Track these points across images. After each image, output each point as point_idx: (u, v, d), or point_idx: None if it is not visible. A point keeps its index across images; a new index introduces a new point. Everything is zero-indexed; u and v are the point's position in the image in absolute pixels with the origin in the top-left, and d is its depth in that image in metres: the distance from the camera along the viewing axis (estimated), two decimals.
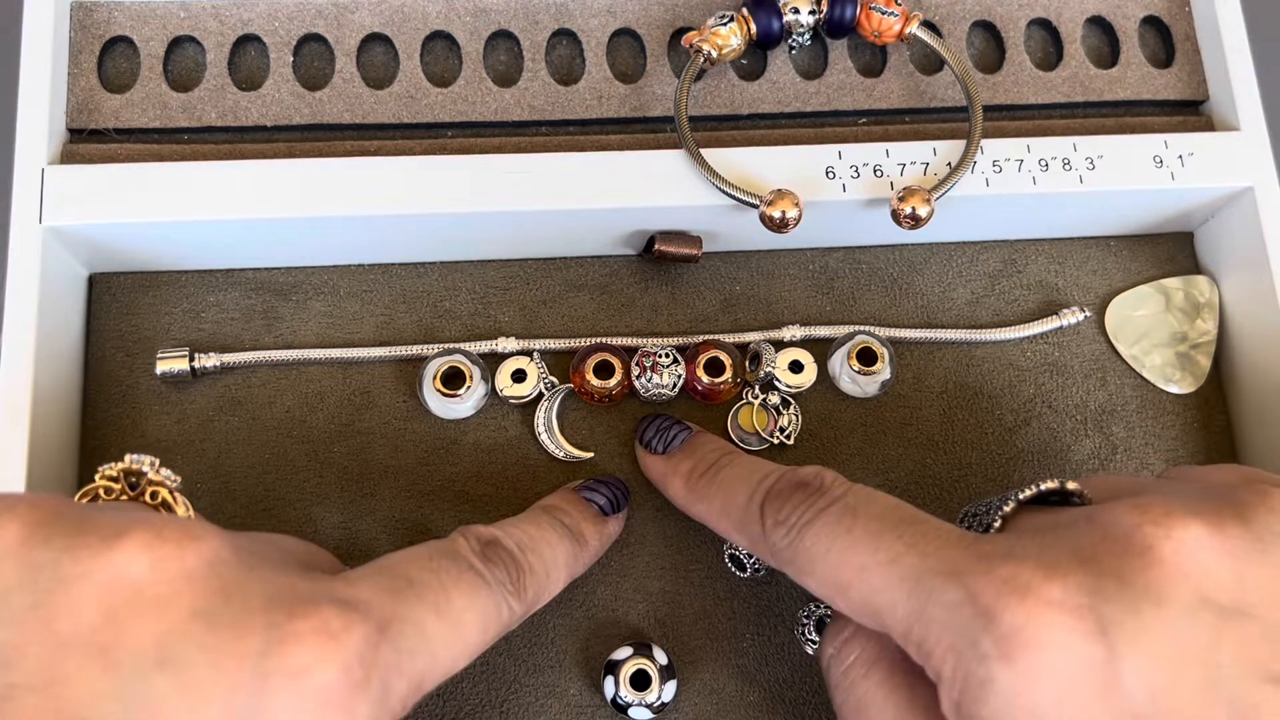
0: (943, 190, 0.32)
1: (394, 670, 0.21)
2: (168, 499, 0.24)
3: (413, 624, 0.22)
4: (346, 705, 0.20)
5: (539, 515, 0.29)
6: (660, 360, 0.33)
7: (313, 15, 0.35)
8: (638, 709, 0.30)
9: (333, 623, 0.20)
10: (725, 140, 0.34)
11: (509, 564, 0.25)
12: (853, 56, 0.36)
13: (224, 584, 0.20)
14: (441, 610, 0.23)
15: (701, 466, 0.29)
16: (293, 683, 0.19)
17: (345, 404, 0.33)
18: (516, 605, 0.25)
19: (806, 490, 0.25)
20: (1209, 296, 0.36)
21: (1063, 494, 0.24)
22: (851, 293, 0.35)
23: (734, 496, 0.27)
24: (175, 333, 0.34)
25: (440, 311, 0.34)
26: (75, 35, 0.34)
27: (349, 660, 0.20)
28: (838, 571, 0.23)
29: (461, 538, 0.25)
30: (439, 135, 0.35)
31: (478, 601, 0.24)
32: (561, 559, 0.28)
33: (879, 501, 0.24)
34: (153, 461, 0.24)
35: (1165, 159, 0.34)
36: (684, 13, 0.36)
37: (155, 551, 0.20)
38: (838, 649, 0.25)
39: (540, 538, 0.27)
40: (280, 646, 0.19)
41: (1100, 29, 0.37)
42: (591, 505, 0.30)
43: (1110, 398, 0.35)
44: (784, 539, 0.25)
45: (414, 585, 0.23)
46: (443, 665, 0.22)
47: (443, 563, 0.24)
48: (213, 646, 0.19)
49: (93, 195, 0.31)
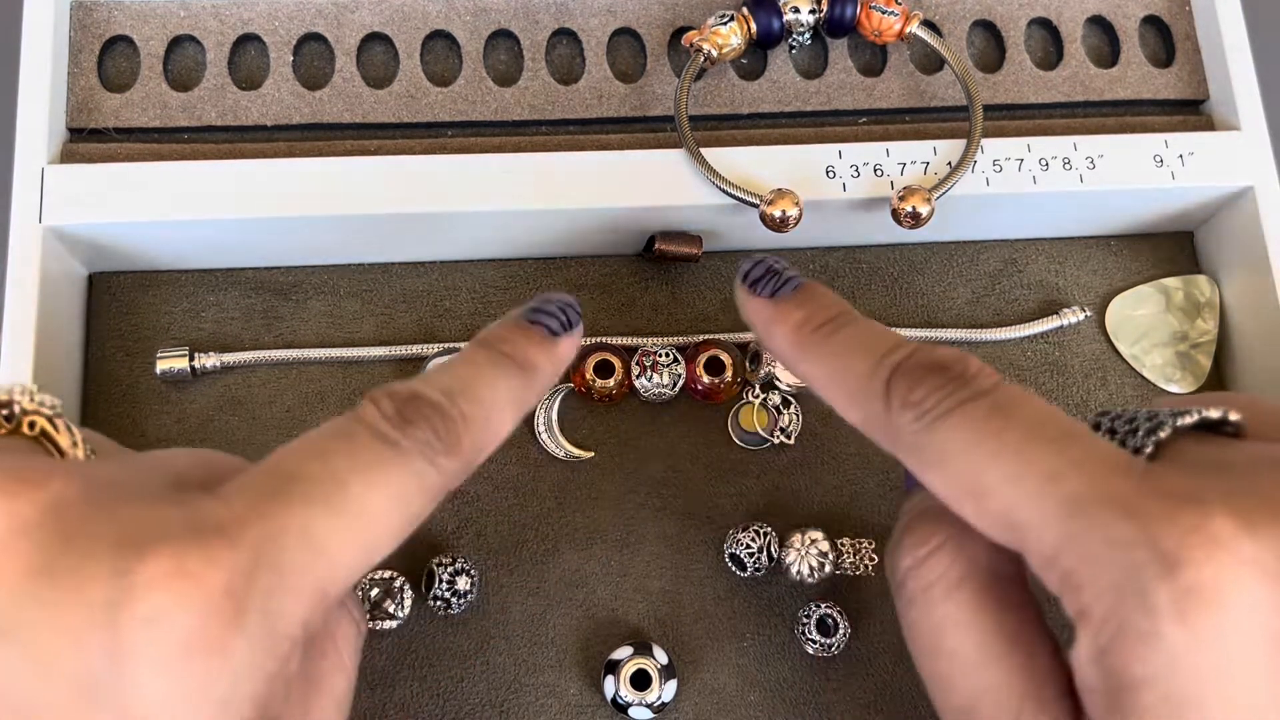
0: (943, 189, 0.32)
1: (277, 592, 0.19)
2: (46, 428, 0.22)
3: (295, 532, 0.19)
4: (216, 646, 0.18)
5: (474, 352, 0.25)
6: (660, 359, 0.33)
7: (313, 15, 0.35)
8: (638, 709, 0.30)
9: (189, 557, 0.18)
10: (725, 140, 0.34)
11: (433, 418, 0.22)
12: (853, 56, 0.36)
13: (64, 530, 0.18)
14: (336, 505, 0.20)
15: (818, 318, 0.25)
16: (149, 632, 0.17)
17: (345, 404, 0.33)
18: (450, 462, 0.22)
19: (947, 374, 0.22)
20: (1209, 296, 0.36)
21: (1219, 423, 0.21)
22: (851, 293, 0.35)
23: (853, 361, 0.23)
24: (175, 332, 0.34)
25: (440, 311, 0.34)
26: (75, 35, 0.34)
27: (210, 596, 0.18)
28: (978, 474, 0.20)
29: (370, 403, 0.22)
30: (439, 135, 0.35)
31: (384, 478, 0.21)
32: (504, 396, 0.24)
33: (1033, 405, 0.21)
34: (25, 387, 0.22)
35: (1165, 158, 0.34)
36: (684, 12, 0.36)
37: None
38: (919, 561, 0.22)
39: (475, 377, 0.24)
40: (130, 594, 0.18)
41: (1100, 28, 0.37)
42: (538, 328, 0.26)
43: (1110, 397, 0.35)
44: (914, 423, 0.21)
45: (299, 481, 0.20)
46: (350, 562, 0.20)
47: (336, 444, 0.21)
48: (55, 602, 0.17)
49: (93, 195, 0.31)
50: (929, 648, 0.22)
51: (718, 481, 0.33)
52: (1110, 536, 0.18)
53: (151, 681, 0.17)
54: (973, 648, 0.21)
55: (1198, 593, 0.18)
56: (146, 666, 0.17)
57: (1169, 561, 0.18)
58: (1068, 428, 0.20)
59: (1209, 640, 0.17)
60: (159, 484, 0.21)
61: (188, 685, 0.18)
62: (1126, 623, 0.18)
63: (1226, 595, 0.18)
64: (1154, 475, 0.19)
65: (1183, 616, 0.18)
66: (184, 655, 0.18)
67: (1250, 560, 0.18)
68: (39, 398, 0.22)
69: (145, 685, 0.17)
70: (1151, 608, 0.18)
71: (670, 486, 0.33)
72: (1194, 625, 0.17)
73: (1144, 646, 0.18)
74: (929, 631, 0.22)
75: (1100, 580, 0.18)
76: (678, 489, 0.33)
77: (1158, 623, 0.18)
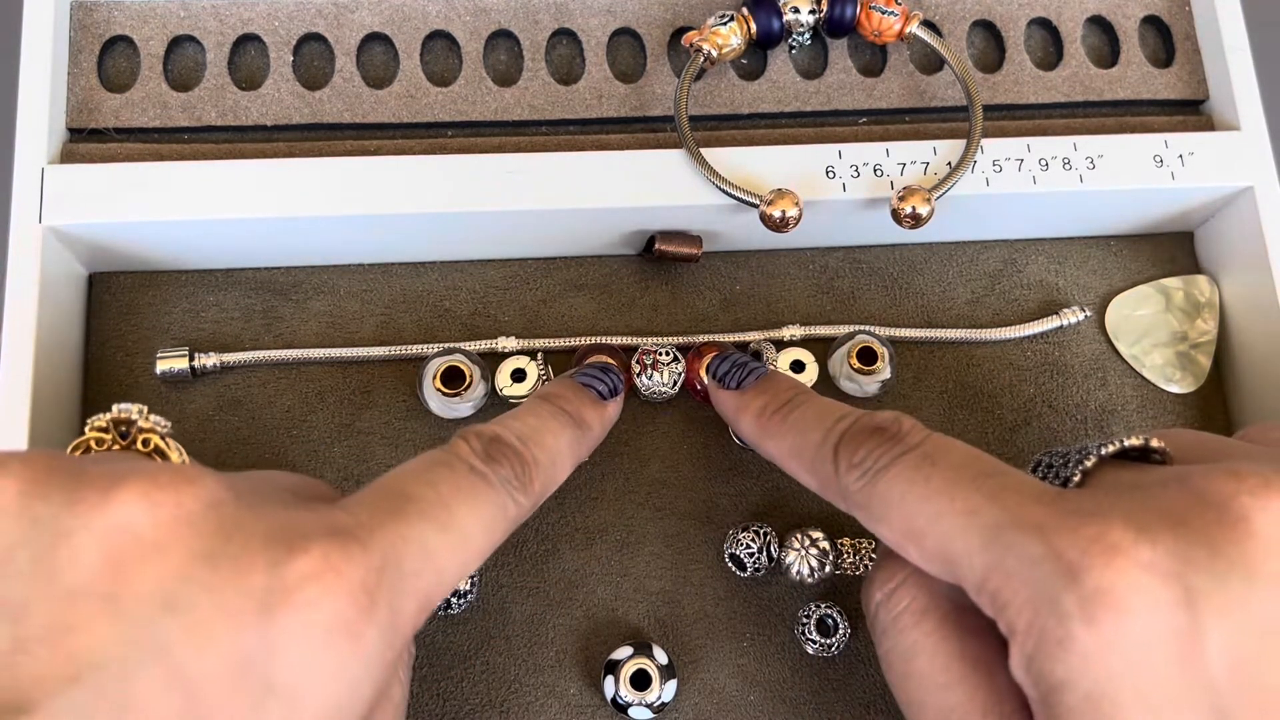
0: (943, 190, 0.32)
1: (399, 592, 0.21)
2: (160, 445, 0.24)
3: (415, 543, 0.22)
4: (354, 632, 0.20)
5: (539, 405, 0.28)
6: (660, 358, 0.33)
7: (313, 15, 0.35)
8: (638, 709, 0.30)
9: (333, 555, 0.20)
10: (725, 140, 0.34)
11: (513, 460, 0.25)
12: (853, 56, 0.36)
13: (223, 524, 0.20)
14: (444, 524, 0.23)
15: (775, 404, 0.28)
16: (299, 615, 0.19)
17: (345, 404, 0.33)
18: (524, 499, 0.25)
19: (883, 435, 0.24)
20: (1209, 296, 0.36)
21: (1144, 451, 0.23)
22: (851, 292, 0.35)
23: (807, 436, 0.26)
24: (175, 332, 0.34)
25: (440, 311, 0.34)
26: (75, 35, 0.34)
27: (353, 589, 0.20)
28: (912, 519, 0.23)
29: (462, 440, 0.25)
30: (439, 135, 0.35)
31: (480, 506, 0.24)
32: (565, 446, 0.27)
33: (958, 450, 0.23)
34: (141, 409, 0.24)
35: (1165, 159, 0.34)
36: (684, 12, 0.36)
37: (151, 498, 0.20)
38: (887, 595, 0.25)
39: (542, 428, 0.27)
40: (284, 582, 0.20)
41: (1100, 28, 0.37)
42: (590, 390, 0.30)
43: (1110, 397, 0.35)
44: (858, 483, 0.24)
45: (413, 501, 0.23)
46: (451, 576, 0.23)
47: (441, 473, 0.24)
48: (217, 586, 0.19)
49: (92, 195, 0.31)
50: (901, 673, 0.25)
51: (718, 481, 0.33)
52: (1024, 555, 0.20)
53: (298, 660, 0.19)
54: (938, 670, 0.24)
55: (1101, 596, 0.19)
56: (295, 647, 0.19)
57: (1073, 570, 0.20)
58: (988, 467, 0.23)
59: (1116, 640, 0.19)
60: (283, 494, 0.23)
61: (328, 665, 0.20)
62: (1044, 631, 0.20)
63: (1128, 597, 0.19)
64: (1064, 498, 0.22)
65: (1090, 619, 0.19)
66: (327, 638, 0.20)
67: (1148, 564, 0.19)
68: (154, 417, 0.24)
69: (292, 663, 0.19)
70: (1063, 614, 0.20)
71: (670, 486, 0.33)
72: (1101, 627, 0.19)
73: (1061, 650, 0.20)
74: (900, 658, 0.24)
75: (1020, 596, 0.20)
76: (678, 489, 0.33)
77: (1069, 627, 0.19)
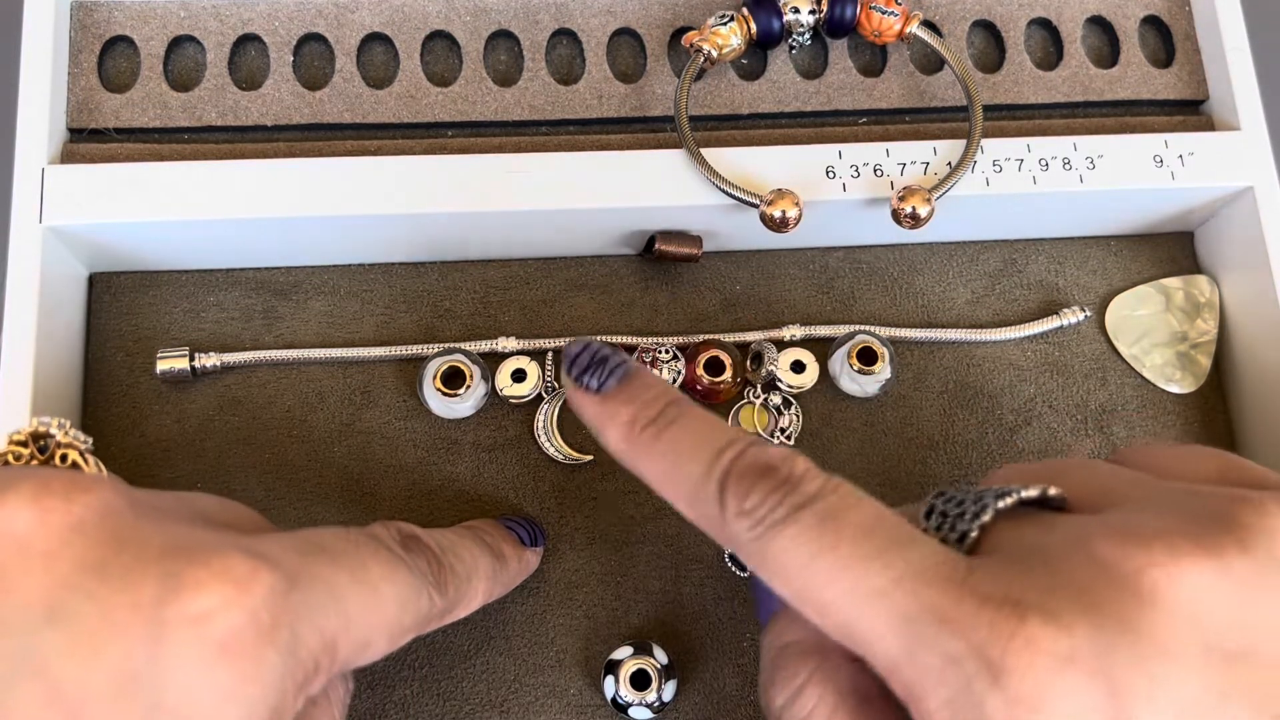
0: (943, 190, 0.32)
1: (304, 620, 0.20)
2: (78, 460, 0.23)
3: (323, 581, 0.21)
4: (253, 653, 0.19)
5: (459, 529, 0.28)
6: (660, 356, 0.33)
7: (313, 15, 0.35)
8: (638, 709, 0.30)
9: (237, 569, 0.19)
10: (725, 140, 0.34)
11: (430, 557, 0.25)
12: (853, 56, 0.36)
13: (117, 534, 0.19)
14: (356, 575, 0.22)
15: (644, 416, 0.24)
16: (193, 630, 0.18)
17: (345, 404, 0.33)
18: (438, 599, 0.24)
19: (775, 478, 0.22)
20: (1209, 296, 0.36)
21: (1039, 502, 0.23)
22: (851, 293, 0.35)
23: (684, 464, 0.23)
24: (175, 332, 0.34)
25: (440, 311, 0.34)
26: (75, 35, 0.34)
27: (255, 606, 0.19)
28: (819, 591, 0.21)
29: (381, 527, 0.24)
30: (439, 135, 0.35)
31: (397, 576, 0.23)
32: (482, 569, 0.27)
33: (863, 510, 0.22)
34: (61, 422, 0.23)
35: (1165, 159, 0.34)
36: (684, 12, 0.36)
37: (40, 504, 0.19)
38: (790, 699, 0.23)
39: (461, 544, 0.27)
40: (177, 594, 0.19)
41: (1100, 29, 0.37)
42: (512, 534, 0.30)
43: (1111, 397, 0.35)
44: (749, 533, 0.22)
45: (327, 550, 0.22)
46: (358, 630, 0.21)
47: (360, 539, 0.23)
48: (104, 597, 0.18)
49: (93, 195, 0.31)
50: None
51: None
52: (943, 651, 0.20)
53: (188, 677, 0.18)
54: None
55: (1025, 700, 0.19)
56: (185, 662, 0.18)
57: (995, 671, 0.19)
58: (893, 533, 0.21)
59: None
60: (191, 515, 0.22)
61: (221, 684, 0.18)
62: None
63: (1050, 699, 0.19)
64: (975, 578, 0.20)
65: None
66: (221, 655, 0.18)
67: (1067, 657, 0.19)
68: (73, 432, 0.23)
69: (182, 680, 0.18)
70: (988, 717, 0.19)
71: None
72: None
73: None
74: None
75: (938, 695, 0.20)
76: None
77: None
